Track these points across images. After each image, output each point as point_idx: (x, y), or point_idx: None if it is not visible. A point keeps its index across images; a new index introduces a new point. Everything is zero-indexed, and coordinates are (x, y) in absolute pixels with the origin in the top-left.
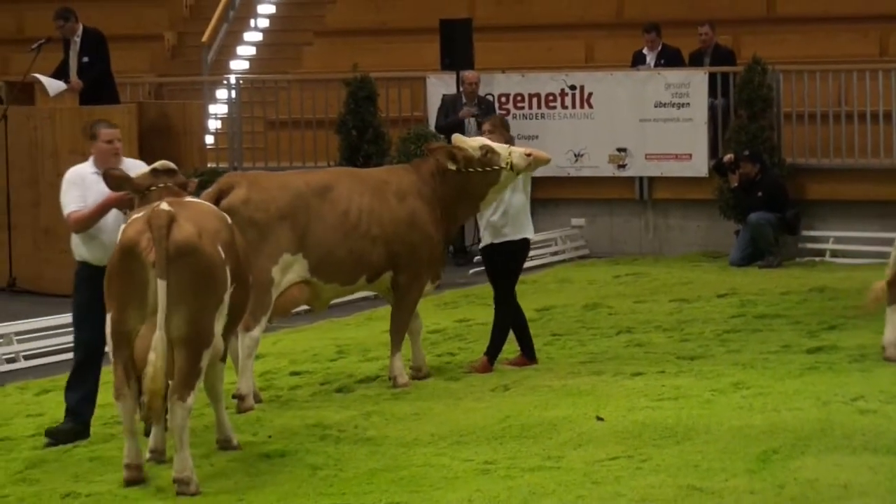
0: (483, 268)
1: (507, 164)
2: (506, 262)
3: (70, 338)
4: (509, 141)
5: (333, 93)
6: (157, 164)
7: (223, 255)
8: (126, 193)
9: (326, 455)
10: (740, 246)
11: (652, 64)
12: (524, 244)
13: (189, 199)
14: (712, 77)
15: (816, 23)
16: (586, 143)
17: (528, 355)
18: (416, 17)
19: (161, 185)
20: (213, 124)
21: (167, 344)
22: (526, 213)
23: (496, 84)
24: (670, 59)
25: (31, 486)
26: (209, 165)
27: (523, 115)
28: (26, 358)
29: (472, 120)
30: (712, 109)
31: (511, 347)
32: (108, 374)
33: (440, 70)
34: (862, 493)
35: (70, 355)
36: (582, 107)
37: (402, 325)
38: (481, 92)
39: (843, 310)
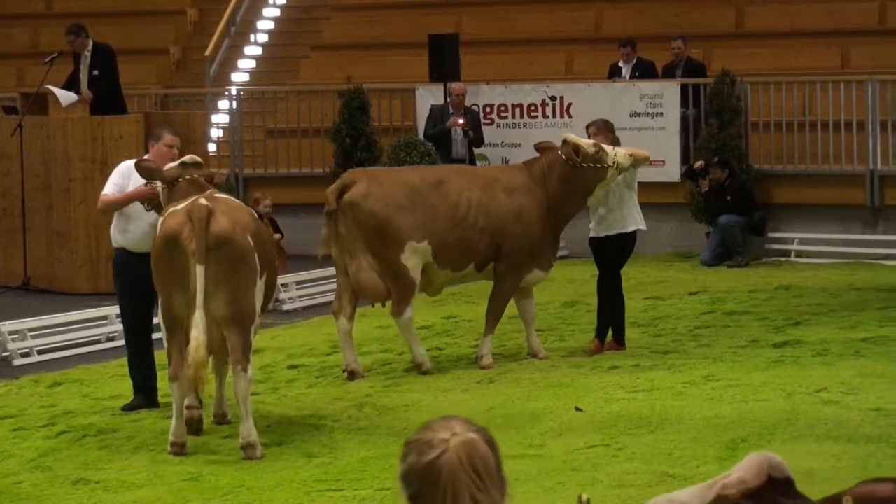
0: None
1: (613, 162)
2: (618, 252)
3: (80, 334)
4: (614, 142)
5: (328, 103)
6: (186, 157)
7: (252, 244)
8: (150, 190)
9: (321, 444)
10: (711, 247)
11: (627, 76)
12: (635, 235)
13: (220, 195)
14: (684, 88)
15: (782, 37)
16: None
17: (619, 341)
18: (406, 32)
19: (188, 176)
20: (216, 133)
21: (209, 322)
22: (636, 206)
23: (481, 95)
24: (645, 71)
25: (43, 473)
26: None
27: (506, 124)
28: (39, 353)
29: (459, 129)
30: (684, 119)
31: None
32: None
33: (429, 82)
34: (825, 479)
35: (80, 350)
36: (562, 116)
37: (498, 310)
38: (467, 102)
39: (808, 307)
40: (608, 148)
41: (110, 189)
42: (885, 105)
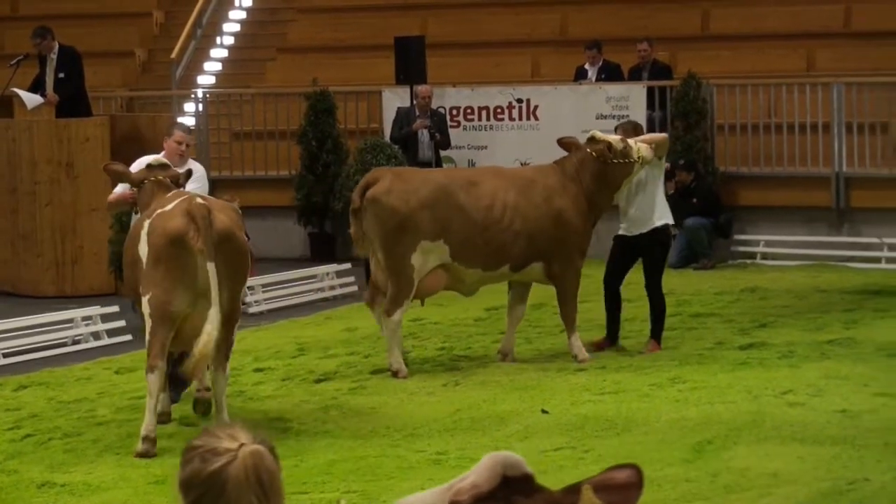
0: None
1: (638, 157)
2: (652, 249)
3: (45, 337)
4: None
5: (295, 105)
6: (152, 159)
7: (245, 239)
8: (131, 194)
9: (288, 447)
10: (677, 249)
11: (594, 78)
12: (667, 229)
13: (200, 195)
14: (650, 91)
15: (748, 40)
16: (532, 152)
17: (658, 340)
18: (372, 34)
19: (152, 178)
20: None
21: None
22: (664, 200)
23: (448, 97)
24: (611, 73)
25: (8, 476)
26: None
27: (473, 126)
28: (5, 356)
29: (425, 131)
30: (650, 121)
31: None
32: (85, 370)
33: (395, 84)
34: (790, 481)
35: (46, 353)
36: (528, 119)
37: (571, 310)
38: (434, 105)
39: (773, 309)
40: (631, 142)
41: (119, 187)
42: (850, 107)
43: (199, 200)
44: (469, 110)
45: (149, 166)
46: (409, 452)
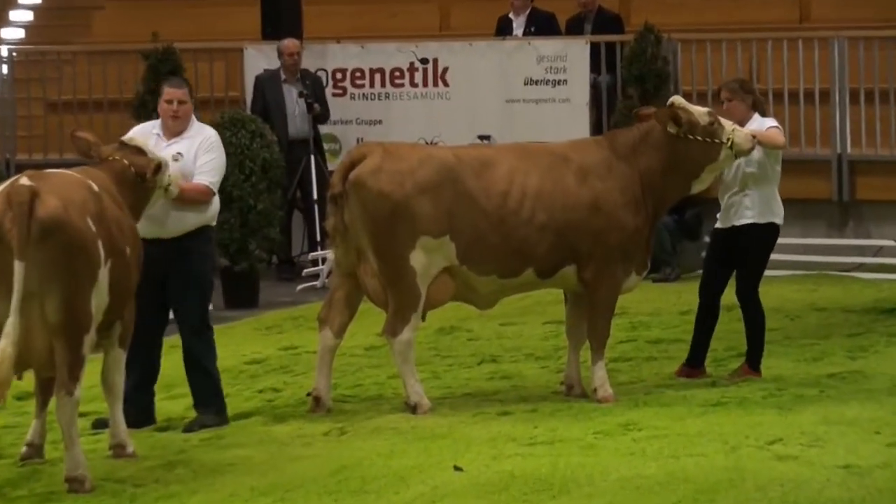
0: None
1: (728, 139)
2: (748, 249)
3: None
4: (759, 107)
5: (130, 67)
6: (126, 137)
7: (94, 229)
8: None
9: None
10: None
11: (520, 32)
12: (771, 230)
13: (53, 170)
14: (595, 48)
15: None
16: (441, 129)
17: (753, 366)
18: None
19: (118, 156)
20: None
21: (34, 330)
22: (775, 196)
23: (330, 57)
24: (543, 25)
25: None
26: None
27: (363, 94)
28: None
29: (301, 101)
30: (595, 88)
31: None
32: None
33: (261, 40)
34: None
35: None
36: (435, 84)
37: (600, 330)
38: (311, 66)
39: None
40: (726, 123)
41: None
42: (854, 70)
43: (25, 181)
44: (358, 73)
45: (121, 144)
46: None
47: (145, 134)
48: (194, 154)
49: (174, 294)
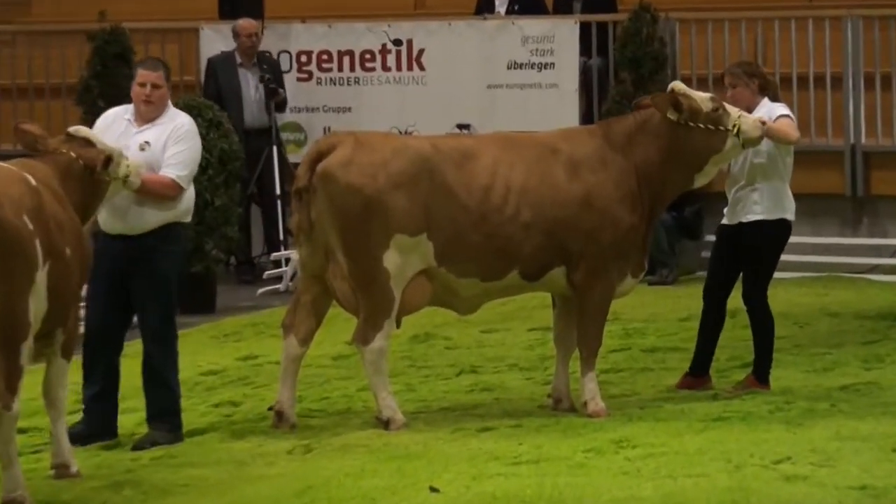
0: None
1: (734, 126)
2: (756, 248)
3: None
4: (769, 89)
5: (73, 49)
6: (73, 128)
7: (31, 227)
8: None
9: None
10: None
11: (503, 11)
12: (782, 226)
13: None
14: (585, 28)
15: None
16: (416, 117)
17: (761, 377)
18: None
19: (64, 150)
20: None
21: None
22: (786, 190)
23: (293, 38)
24: (528, 3)
25: None
26: None
27: (331, 79)
28: None
29: (261, 86)
30: (585, 72)
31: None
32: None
33: (218, 19)
34: None
35: None
36: (410, 68)
37: (590, 337)
38: (273, 48)
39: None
40: (732, 109)
41: None
42: (869, 52)
43: None
44: (325, 56)
45: (67, 136)
46: None
47: (117, 119)
48: (163, 144)
49: (136, 295)
